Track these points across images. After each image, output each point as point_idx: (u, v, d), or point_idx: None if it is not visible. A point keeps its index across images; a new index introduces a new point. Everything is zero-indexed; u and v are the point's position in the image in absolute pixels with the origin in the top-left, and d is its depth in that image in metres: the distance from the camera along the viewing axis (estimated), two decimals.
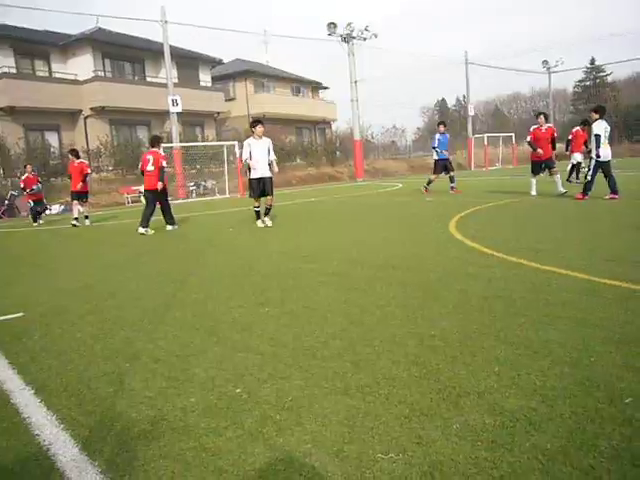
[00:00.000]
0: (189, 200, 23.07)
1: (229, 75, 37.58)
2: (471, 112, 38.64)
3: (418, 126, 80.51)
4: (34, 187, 15.79)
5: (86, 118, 27.98)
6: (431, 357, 2.98)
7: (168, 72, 23.53)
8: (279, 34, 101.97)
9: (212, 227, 11.41)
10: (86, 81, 27.70)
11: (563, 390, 2.48)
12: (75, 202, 13.57)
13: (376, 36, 30.47)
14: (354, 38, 30.19)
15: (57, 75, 28.10)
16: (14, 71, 26.16)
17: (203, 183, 26.34)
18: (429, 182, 15.40)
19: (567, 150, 16.53)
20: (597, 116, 10.75)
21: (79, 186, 13.43)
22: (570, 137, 16.10)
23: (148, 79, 31.23)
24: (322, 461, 2.06)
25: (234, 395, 2.71)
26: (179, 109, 23.23)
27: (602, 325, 3.30)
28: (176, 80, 27.92)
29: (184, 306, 4.49)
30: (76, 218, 13.38)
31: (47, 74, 28.02)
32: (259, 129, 9.63)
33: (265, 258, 6.56)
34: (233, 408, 2.57)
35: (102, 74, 28.82)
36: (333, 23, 29.30)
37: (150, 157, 10.76)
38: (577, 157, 16.10)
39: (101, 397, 2.80)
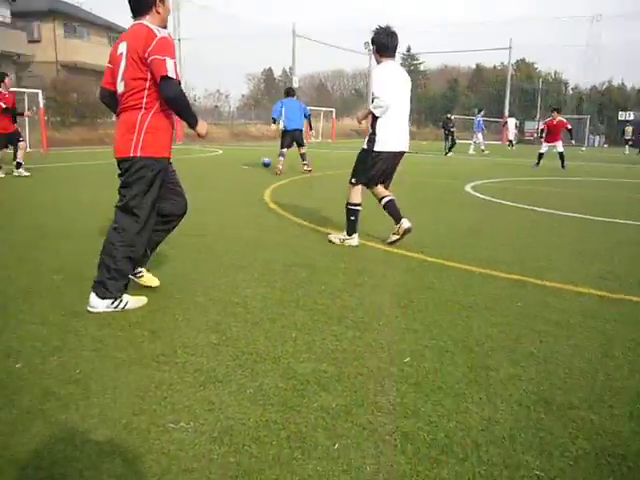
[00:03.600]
0: None
1: (33, 13, 33.18)
2: (295, 84, 39.30)
3: (243, 93, 79.96)
4: None
5: None
6: (232, 324, 2.99)
7: None
8: None
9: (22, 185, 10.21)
10: None
11: (352, 353, 2.65)
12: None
13: None
14: None
15: None
16: None
17: None
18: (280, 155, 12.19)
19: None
20: None
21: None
22: None
23: None
24: (108, 435, 1.96)
25: (13, 370, 2.45)
26: None
27: (392, 291, 3.59)
28: None
29: None
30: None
31: None
32: None
33: (66, 217, 6.04)
34: (10, 385, 2.32)
35: None
36: None
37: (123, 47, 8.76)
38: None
39: None
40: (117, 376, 2.40)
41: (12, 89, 12.83)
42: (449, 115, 22.79)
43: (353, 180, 4.89)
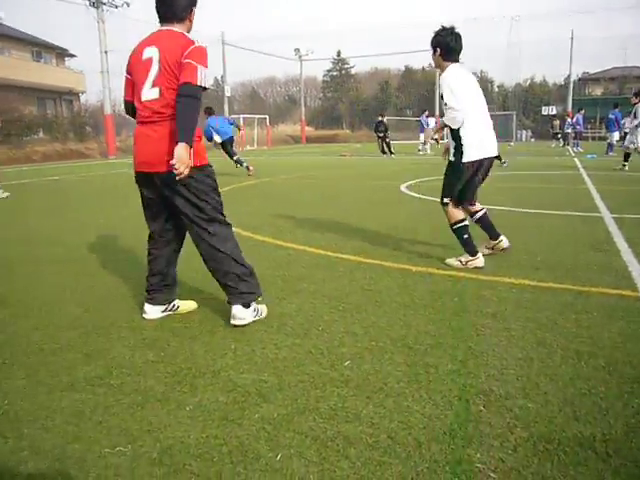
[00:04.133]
0: None
1: None
2: (227, 93, 39.07)
3: None
4: None
5: None
6: (170, 340, 2.93)
7: None
8: None
9: None
10: None
11: (293, 360, 2.64)
12: None
13: (128, 5, 28.85)
14: (104, 4, 28.12)
15: None
16: None
17: None
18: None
19: None
20: None
21: None
22: None
23: None
24: (39, 467, 1.87)
25: None
26: None
27: (331, 296, 3.61)
28: None
29: None
30: None
31: None
32: None
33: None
34: None
35: None
36: None
37: (154, 51, 8.23)
38: None
39: None
40: (49, 404, 2.30)
41: None
42: (380, 118, 22.85)
43: (447, 199, 4.29)
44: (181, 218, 3.08)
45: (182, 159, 2.76)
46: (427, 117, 24.74)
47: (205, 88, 2.86)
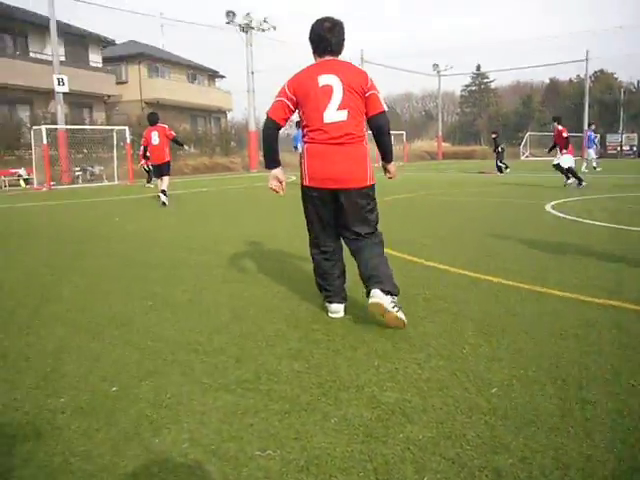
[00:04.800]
0: (74, 186, 21.81)
1: (121, 57, 35.82)
2: None
3: None
4: None
5: None
6: (314, 351, 3.01)
7: (54, 49, 22.02)
8: (176, 18, 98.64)
9: (97, 215, 10.84)
10: None
11: (437, 382, 2.60)
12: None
13: (275, 28, 30.43)
14: (252, 28, 29.92)
15: None
16: None
17: (90, 168, 24.98)
18: None
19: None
20: None
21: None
22: None
23: (32, 55, 29.03)
24: (199, 460, 2.01)
25: (109, 394, 2.58)
26: (65, 89, 21.84)
27: (474, 318, 3.50)
28: (63, 58, 26.25)
29: (60, 299, 4.23)
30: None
31: None
32: None
33: (151, 249, 6.33)
34: (107, 408, 2.44)
35: None
36: (232, 12, 28.91)
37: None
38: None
39: None
40: (205, 401, 2.46)
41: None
42: (494, 135, 22.44)
43: None
44: (350, 223, 3.41)
45: (396, 173, 3.73)
46: (592, 131, 23.24)
47: None
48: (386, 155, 3.55)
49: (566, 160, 14.01)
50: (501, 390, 2.50)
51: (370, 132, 3.44)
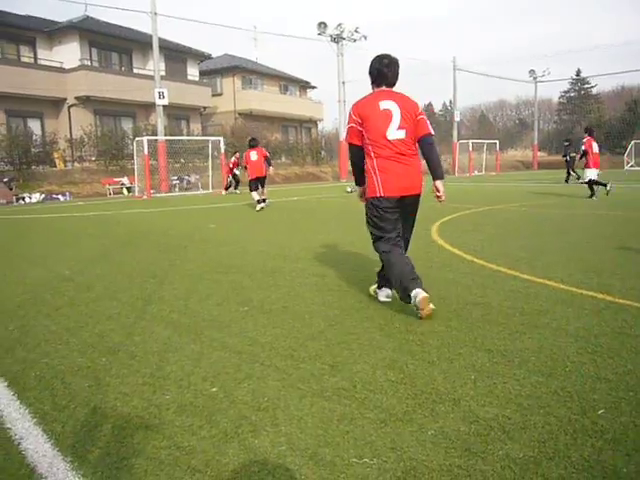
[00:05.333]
0: (172, 194, 22.92)
1: (217, 70, 37.42)
2: (457, 118, 38.95)
3: None
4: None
5: (70, 107, 27.67)
6: (408, 362, 2.99)
7: (156, 64, 23.34)
8: (269, 31, 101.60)
9: (194, 222, 11.34)
10: (72, 69, 27.39)
11: (537, 399, 2.51)
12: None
13: (366, 38, 30.61)
14: (344, 39, 30.25)
15: (42, 62, 27.73)
16: None
17: (187, 177, 26.19)
18: None
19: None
20: None
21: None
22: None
23: (135, 70, 30.96)
24: (297, 463, 2.06)
25: (210, 394, 2.69)
26: (165, 102, 23.07)
27: (577, 335, 3.35)
28: (163, 73, 27.76)
29: (163, 302, 4.46)
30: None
31: (32, 60, 27.63)
32: None
33: (246, 256, 6.54)
34: (209, 407, 2.55)
35: (88, 63, 28.53)
36: (323, 23, 29.39)
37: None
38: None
39: (75, 392, 2.76)
40: (301, 406, 2.51)
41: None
42: (567, 143, 21.84)
43: None
44: (406, 226, 4.17)
45: (444, 190, 4.07)
46: None
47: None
48: (436, 170, 4.01)
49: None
50: (609, 412, 2.37)
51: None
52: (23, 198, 20.87)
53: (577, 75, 60.21)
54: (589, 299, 4.15)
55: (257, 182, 13.51)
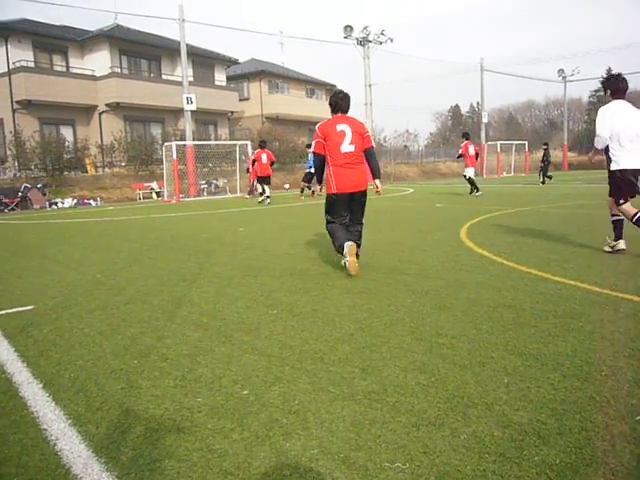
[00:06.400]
0: (200, 198, 23.16)
1: (244, 75, 37.72)
2: (485, 119, 38.58)
3: (431, 131, 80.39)
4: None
5: (101, 114, 28.21)
6: (439, 365, 2.96)
7: (184, 70, 23.65)
8: (295, 35, 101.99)
9: (223, 226, 11.44)
10: (102, 77, 27.95)
11: (573, 404, 2.46)
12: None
13: (392, 40, 30.55)
14: (370, 42, 30.27)
15: (74, 70, 28.35)
16: (32, 65, 26.41)
17: (214, 181, 26.44)
18: None
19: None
20: None
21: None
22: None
23: (164, 77, 31.41)
24: (329, 467, 2.05)
25: (241, 397, 2.70)
26: (193, 107, 23.35)
27: (613, 339, 3.27)
28: (191, 78, 28.09)
29: (193, 305, 4.50)
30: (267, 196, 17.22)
31: (64, 69, 28.27)
32: None
33: (274, 259, 6.56)
34: (240, 410, 2.56)
35: (118, 70, 29.05)
36: (349, 26, 29.41)
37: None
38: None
39: (109, 394, 2.80)
40: (332, 410, 2.51)
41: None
42: (545, 146, 23.95)
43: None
44: (355, 213, 5.73)
45: (382, 186, 5.93)
46: None
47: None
48: (376, 172, 5.71)
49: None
50: None
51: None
52: (56, 203, 21.31)
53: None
54: (624, 302, 4.06)
55: (265, 180, 17.20)
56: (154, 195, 24.37)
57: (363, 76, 31.05)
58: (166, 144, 23.10)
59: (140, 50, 30.46)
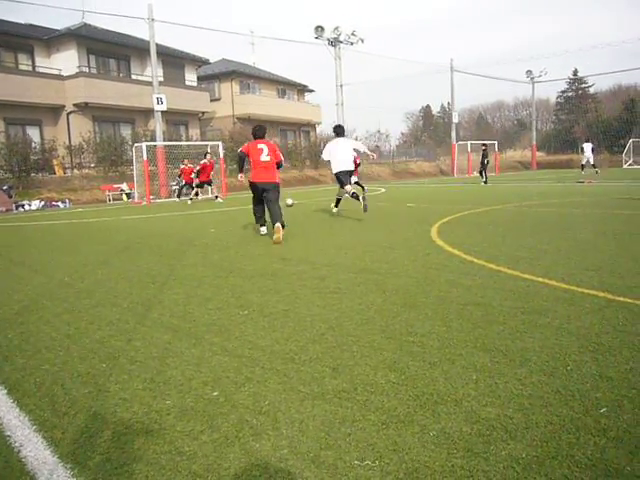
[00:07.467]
0: (172, 199, 22.89)
1: (215, 75, 37.44)
2: (455, 119, 38.98)
3: (402, 131, 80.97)
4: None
5: (69, 114, 27.69)
6: (409, 363, 2.98)
7: (154, 70, 23.36)
8: (266, 36, 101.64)
9: (194, 227, 11.34)
10: (70, 76, 27.43)
11: (539, 399, 2.50)
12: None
13: (363, 41, 30.68)
14: (341, 42, 30.34)
15: (40, 70, 27.77)
16: None
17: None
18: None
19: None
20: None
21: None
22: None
23: (133, 77, 30.99)
24: (298, 467, 2.05)
25: (211, 398, 2.68)
26: (164, 108, 23.08)
27: (578, 334, 3.34)
28: (162, 79, 27.76)
29: (163, 307, 4.45)
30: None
31: (30, 68, 27.67)
32: None
33: (245, 260, 6.53)
34: (209, 411, 2.54)
35: (87, 70, 28.56)
36: (320, 27, 29.45)
37: (264, 146, 8.63)
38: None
39: (76, 398, 2.75)
40: (303, 409, 2.50)
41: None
42: (484, 147, 24.70)
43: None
44: (269, 200, 8.44)
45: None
46: None
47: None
48: (276, 174, 8.69)
49: None
50: (611, 410, 2.36)
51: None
52: (23, 205, 20.85)
53: (574, 75, 60.24)
54: (590, 298, 4.15)
55: (206, 184, 19.94)
56: (124, 197, 24.02)
57: (334, 77, 31.11)
58: (136, 145, 22.78)
59: (109, 49, 29.99)
